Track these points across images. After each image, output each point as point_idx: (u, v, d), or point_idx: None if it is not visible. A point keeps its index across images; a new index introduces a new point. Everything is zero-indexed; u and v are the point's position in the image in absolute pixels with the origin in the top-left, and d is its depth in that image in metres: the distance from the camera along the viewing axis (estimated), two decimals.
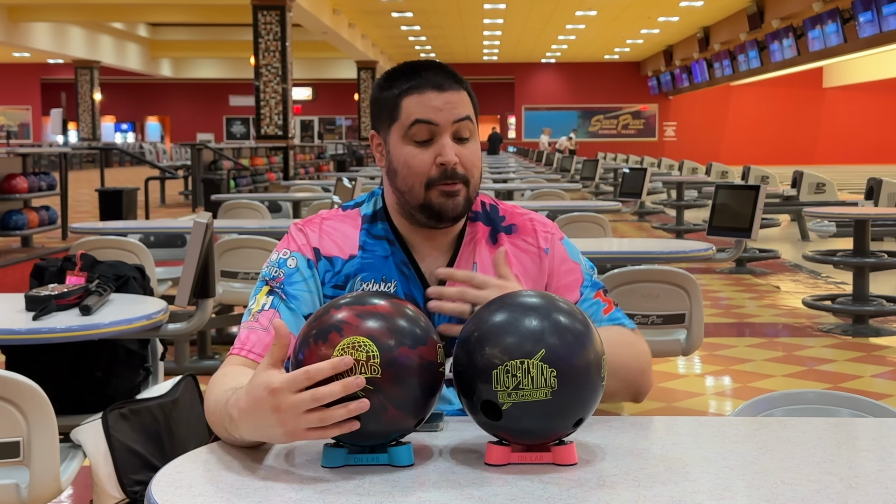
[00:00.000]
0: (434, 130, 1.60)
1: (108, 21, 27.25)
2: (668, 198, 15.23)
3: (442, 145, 1.60)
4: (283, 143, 16.72)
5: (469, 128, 1.63)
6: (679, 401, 4.76)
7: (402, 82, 1.62)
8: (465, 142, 1.62)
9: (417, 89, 1.61)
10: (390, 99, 1.63)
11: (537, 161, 23.08)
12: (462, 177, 1.61)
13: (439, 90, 1.60)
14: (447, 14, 23.82)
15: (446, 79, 1.62)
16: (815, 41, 18.14)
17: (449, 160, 1.59)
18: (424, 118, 1.60)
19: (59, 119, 23.86)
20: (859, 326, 6.38)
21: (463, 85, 1.64)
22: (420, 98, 1.60)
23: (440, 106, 1.60)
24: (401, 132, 1.62)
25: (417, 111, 1.60)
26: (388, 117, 1.64)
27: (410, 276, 1.64)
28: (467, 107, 1.63)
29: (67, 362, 3.15)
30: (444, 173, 1.60)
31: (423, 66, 1.64)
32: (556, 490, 1.23)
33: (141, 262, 4.52)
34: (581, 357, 1.30)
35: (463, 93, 1.63)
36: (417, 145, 1.61)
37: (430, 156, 1.60)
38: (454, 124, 1.61)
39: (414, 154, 1.61)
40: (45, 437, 2.22)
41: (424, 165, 1.60)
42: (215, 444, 1.44)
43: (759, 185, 5.08)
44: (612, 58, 35.76)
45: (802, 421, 1.59)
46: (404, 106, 1.61)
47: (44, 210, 10.73)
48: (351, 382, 1.25)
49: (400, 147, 1.62)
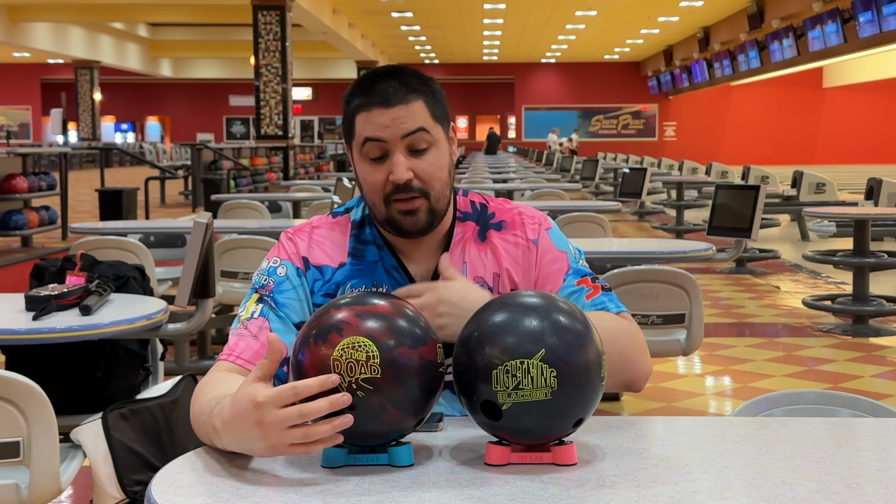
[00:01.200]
0: (385, 147, 1.59)
1: (108, 21, 27.26)
2: (668, 198, 15.23)
3: (393, 163, 1.58)
4: (283, 143, 16.73)
5: (425, 138, 1.59)
6: (679, 401, 4.76)
7: (356, 98, 1.61)
8: (423, 153, 1.60)
9: (366, 107, 1.59)
10: (347, 115, 1.63)
11: (537, 161, 23.08)
12: (419, 190, 1.59)
13: (386, 106, 1.57)
14: (447, 14, 23.82)
15: (396, 91, 1.58)
16: (815, 41, 18.15)
17: (398, 178, 1.57)
18: (372, 136, 1.58)
19: (59, 119, 23.86)
20: (859, 326, 6.38)
21: (418, 92, 1.60)
22: (368, 116, 1.59)
23: (387, 123, 1.57)
24: (357, 149, 1.62)
25: (366, 129, 1.59)
26: (348, 134, 1.64)
27: (401, 279, 1.65)
28: (420, 118, 1.59)
29: (67, 362, 3.15)
30: (398, 188, 1.59)
31: (377, 78, 1.61)
32: (556, 490, 1.23)
33: (141, 262, 4.52)
34: (581, 357, 1.30)
35: (414, 104, 1.59)
36: (371, 163, 1.60)
37: (383, 173, 1.59)
38: (404, 139, 1.58)
39: (369, 171, 1.61)
40: (45, 437, 2.22)
41: (378, 183, 1.60)
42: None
43: (759, 185, 5.08)
44: (612, 58, 35.77)
45: (802, 421, 1.59)
46: (357, 124, 1.61)
47: (44, 210, 10.73)
48: (337, 399, 1.25)
49: (360, 164, 1.63)
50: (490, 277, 1.66)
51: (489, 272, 1.66)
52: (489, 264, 1.67)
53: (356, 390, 1.27)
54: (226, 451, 1.38)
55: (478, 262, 1.67)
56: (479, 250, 1.68)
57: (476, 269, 1.66)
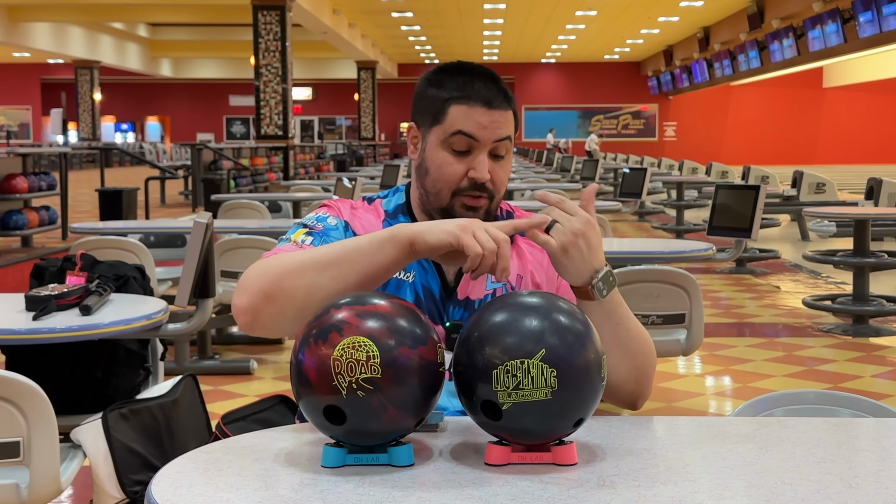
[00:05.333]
0: (473, 144, 1.62)
1: (108, 21, 27.25)
2: (668, 198, 15.23)
3: (478, 161, 1.62)
4: (283, 143, 16.72)
5: (507, 147, 1.65)
6: (679, 401, 4.76)
7: (454, 87, 1.63)
8: (500, 160, 1.65)
9: (467, 100, 1.62)
10: (438, 100, 1.64)
11: (537, 161, 23.08)
12: (490, 192, 1.64)
13: (488, 107, 1.62)
14: (447, 14, 23.81)
15: (497, 95, 1.63)
16: (815, 41, 18.15)
17: (481, 177, 1.61)
18: (468, 132, 1.61)
19: (59, 119, 23.87)
20: (859, 326, 6.38)
21: (511, 104, 1.65)
22: (468, 110, 1.61)
23: (486, 124, 1.61)
24: (441, 136, 1.63)
25: (462, 123, 1.61)
26: (432, 117, 1.65)
27: (429, 269, 1.66)
28: (509, 127, 1.64)
29: (67, 362, 3.15)
30: (474, 185, 1.62)
31: (478, 75, 1.64)
32: (556, 490, 1.23)
33: (141, 262, 4.52)
34: (581, 357, 1.30)
35: (509, 112, 1.64)
36: (454, 154, 1.63)
37: (463, 167, 1.62)
38: (494, 143, 1.62)
39: (449, 162, 1.63)
40: (45, 437, 2.22)
41: (456, 175, 1.63)
42: (215, 444, 1.44)
43: (759, 185, 5.08)
44: (612, 58, 35.77)
45: (802, 421, 1.59)
46: (451, 113, 1.62)
47: (44, 210, 10.72)
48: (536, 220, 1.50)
49: (436, 150, 1.64)
50: (514, 278, 1.69)
51: (513, 273, 1.68)
52: (514, 266, 1.69)
53: (356, 390, 1.27)
54: (226, 450, 1.38)
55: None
56: None
57: None
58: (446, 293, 1.65)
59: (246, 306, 1.48)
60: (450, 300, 1.65)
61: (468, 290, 1.66)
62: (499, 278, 1.43)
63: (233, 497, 1.22)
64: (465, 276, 1.65)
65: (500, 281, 1.53)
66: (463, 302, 1.65)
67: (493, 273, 1.41)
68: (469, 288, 1.66)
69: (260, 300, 1.47)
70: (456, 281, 1.66)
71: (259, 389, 4.93)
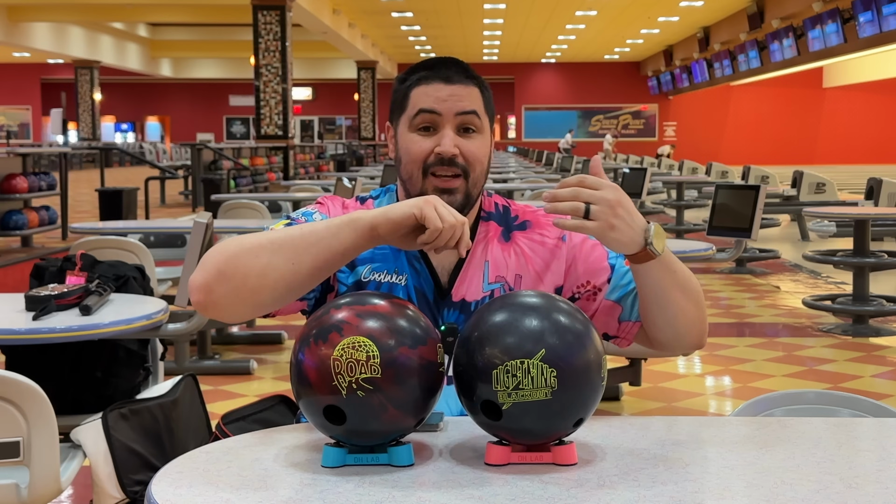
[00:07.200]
0: (436, 119, 1.63)
1: (108, 21, 27.25)
2: (668, 198, 15.23)
3: (441, 135, 1.62)
4: (283, 143, 16.72)
5: (475, 122, 1.64)
6: (679, 401, 4.76)
7: (415, 75, 1.66)
8: (470, 134, 1.64)
9: (426, 80, 1.64)
10: (402, 91, 1.67)
11: (538, 161, 23.08)
12: (461, 166, 1.62)
13: (446, 82, 1.63)
14: (447, 14, 23.81)
15: (457, 73, 1.65)
16: (815, 41, 18.14)
17: (445, 150, 1.61)
18: (427, 108, 1.63)
19: (59, 119, 23.87)
20: (859, 326, 6.38)
21: (476, 81, 1.66)
22: (426, 88, 1.63)
23: (444, 97, 1.62)
24: (407, 122, 1.65)
25: (422, 101, 1.63)
26: (399, 108, 1.68)
27: (422, 270, 1.65)
28: (474, 101, 1.65)
29: (67, 362, 3.15)
30: (441, 160, 1.61)
31: (439, 62, 1.67)
32: (556, 490, 1.23)
33: (141, 262, 4.52)
34: (581, 357, 1.30)
35: (473, 88, 1.65)
36: (420, 132, 1.64)
37: (430, 143, 1.63)
38: (458, 116, 1.63)
39: (415, 141, 1.64)
40: (45, 437, 2.22)
41: (423, 152, 1.63)
42: (215, 444, 1.44)
43: (759, 185, 5.08)
44: (612, 58, 35.76)
45: (802, 421, 1.59)
46: (412, 96, 1.65)
47: (44, 210, 10.72)
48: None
49: (405, 135, 1.65)
50: (512, 278, 1.66)
51: (511, 272, 1.66)
52: (512, 265, 1.67)
53: (356, 390, 1.27)
54: (226, 450, 1.38)
55: (500, 262, 1.67)
56: (503, 250, 1.68)
57: (498, 268, 1.66)
58: (440, 295, 1.63)
59: (200, 283, 1.47)
60: (444, 302, 1.63)
61: (463, 292, 1.64)
62: (461, 254, 1.44)
63: (233, 497, 1.22)
64: (460, 278, 1.63)
65: (462, 256, 1.55)
66: (458, 304, 1.64)
67: (457, 249, 1.42)
68: (464, 289, 1.64)
69: (213, 278, 1.46)
70: (450, 283, 1.64)
71: (259, 389, 4.93)
